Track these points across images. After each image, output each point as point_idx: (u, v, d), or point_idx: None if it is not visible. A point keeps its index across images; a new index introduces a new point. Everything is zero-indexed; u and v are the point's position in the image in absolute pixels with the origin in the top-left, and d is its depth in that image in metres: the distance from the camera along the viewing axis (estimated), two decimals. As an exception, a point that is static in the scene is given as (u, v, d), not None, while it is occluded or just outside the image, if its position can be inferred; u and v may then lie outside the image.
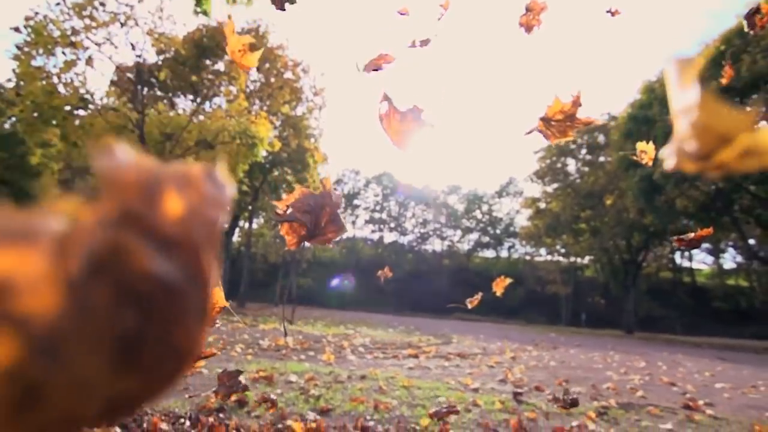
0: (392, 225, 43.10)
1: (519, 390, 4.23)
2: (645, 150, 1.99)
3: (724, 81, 2.24)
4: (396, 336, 10.03)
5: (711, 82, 17.10)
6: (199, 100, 13.41)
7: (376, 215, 42.71)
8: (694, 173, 0.35)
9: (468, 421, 3.13)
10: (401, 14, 1.96)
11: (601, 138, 28.19)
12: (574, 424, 3.20)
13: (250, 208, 18.51)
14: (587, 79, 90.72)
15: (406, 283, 35.66)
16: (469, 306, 1.87)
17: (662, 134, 18.99)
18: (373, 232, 42.87)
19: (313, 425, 2.05)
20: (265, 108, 14.31)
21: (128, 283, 0.15)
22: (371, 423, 2.92)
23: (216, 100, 13.70)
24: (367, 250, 42.50)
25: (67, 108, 9.47)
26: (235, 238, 27.91)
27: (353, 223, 42.57)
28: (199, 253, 0.18)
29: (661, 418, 3.66)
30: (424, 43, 1.89)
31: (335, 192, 0.91)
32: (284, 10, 1.38)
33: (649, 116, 20.20)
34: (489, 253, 44.02)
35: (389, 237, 43.58)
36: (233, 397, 3.32)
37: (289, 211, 0.91)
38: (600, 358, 8.64)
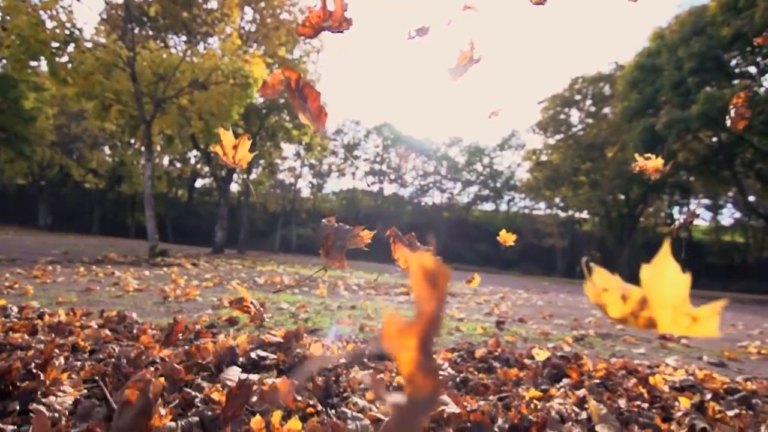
0: (392, 177, 42.92)
1: (502, 319, 4.39)
2: (648, 160, 1.94)
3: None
4: (391, 279, 10.25)
5: (722, 29, 16.50)
6: (193, 40, 12.99)
7: (376, 167, 42.42)
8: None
9: (449, 342, 3.27)
10: (447, 24, 1.89)
11: (606, 89, 27.54)
12: (550, 345, 3.35)
13: (248, 155, 18.37)
14: (596, 27, 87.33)
15: (405, 235, 35.97)
16: (467, 285, 1.91)
17: (669, 84, 18.53)
18: (373, 183, 42.76)
19: (293, 329, 2.15)
20: (261, 50, 13.89)
21: None
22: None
23: (209, 40, 13.27)
24: (366, 202, 42.59)
25: (56, 45, 9.20)
26: (234, 187, 27.87)
27: (353, 174, 42.36)
28: None
29: (636, 345, 3.82)
30: (422, 32, 1.81)
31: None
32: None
33: (657, 64, 19.60)
34: (488, 206, 44.16)
35: (389, 189, 43.53)
36: (224, 317, 3.47)
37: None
38: (587, 301, 8.88)
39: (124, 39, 10.23)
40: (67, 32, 9.25)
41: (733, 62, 17.85)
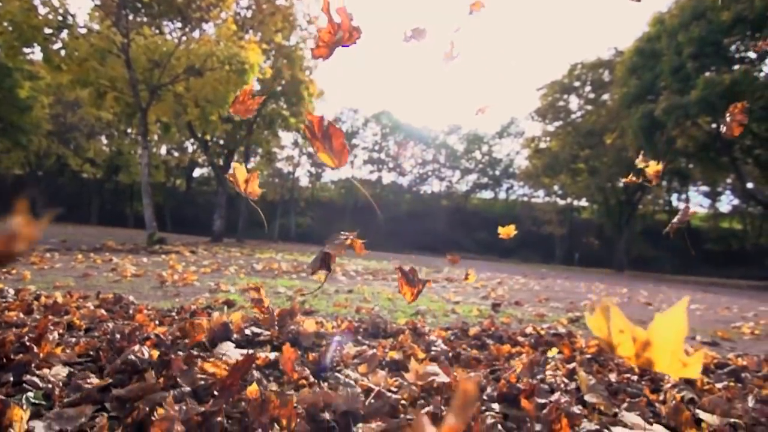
0: (391, 165, 42.80)
1: (498, 302, 4.42)
2: (647, 166, 1.93)
3: None
4: (389, 266, 10.29)
5: (723, 14, 16.36)
6: (188, 28, 12.83)
7: (375, 155, 42.28)
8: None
9: (444, 322, 3.30)
10: (455, 31, 1.86)
11: (606, 75, 27.37)
12: (545, 326, 3.37)
13: (245, 143, 18.29)
14: (596, 13, 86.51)
15: (404, 223, 36.05)
16: (464, 281, 1.91)
17: (669, 69, 18.41)
18: (371, 172, 42.67)
19: (288, 308, 2.16)
20: (257, 37, 13.74)
21: None
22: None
23: (204, 26, 13.11)
24: (365, 190, 42.49)
25: (49, 31, 9.09)
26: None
27: (351, 163, 42.22)
28: None
29: (630, 326, 3.85)
30: (418, 33, 1.79)
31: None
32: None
33: (657, 49, 19.45)
34: (487, 194, 44.15)
35: (388, 177, 43.45)
36: (221, 300, 3.49)
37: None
38: (584, 286, 8.93)
39: (118, 25, 10.12)
40: (60, 18, 9.14)
41: (733, 47, 17.72)
